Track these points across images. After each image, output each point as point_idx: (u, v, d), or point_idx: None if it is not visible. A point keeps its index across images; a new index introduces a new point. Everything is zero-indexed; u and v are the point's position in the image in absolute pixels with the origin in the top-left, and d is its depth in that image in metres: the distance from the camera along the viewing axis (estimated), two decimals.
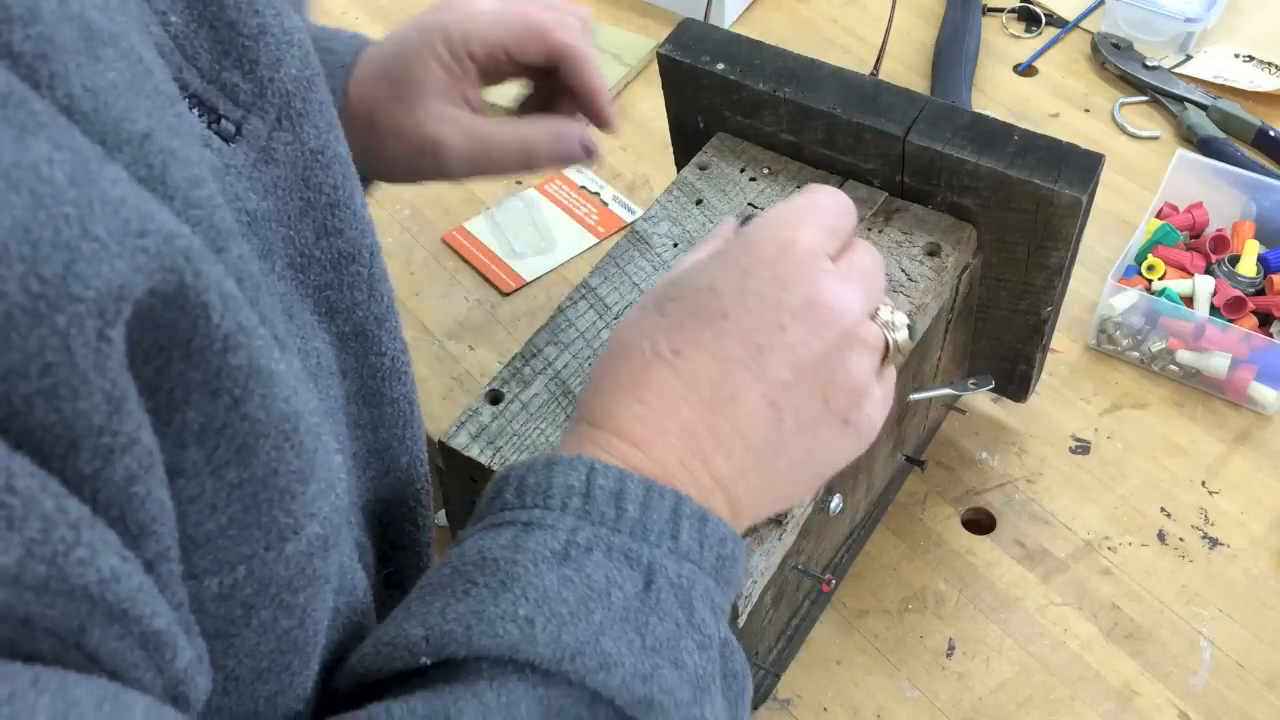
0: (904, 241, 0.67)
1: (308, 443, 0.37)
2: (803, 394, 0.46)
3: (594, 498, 0.42)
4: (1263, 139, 0.99)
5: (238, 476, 0.34)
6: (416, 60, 0.64)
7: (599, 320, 0.64)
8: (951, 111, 0.67)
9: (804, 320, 0.46)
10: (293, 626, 0.39)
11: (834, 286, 0.47)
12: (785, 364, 0.46)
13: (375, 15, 1.18)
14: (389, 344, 0.51)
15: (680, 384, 0.46)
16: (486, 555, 0.41)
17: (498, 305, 0.91)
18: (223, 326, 0.32)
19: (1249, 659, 0.70)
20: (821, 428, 0.47)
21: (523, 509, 0.42)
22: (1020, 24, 1.13)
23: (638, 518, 0.42)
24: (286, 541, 0.37)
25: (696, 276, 0.48)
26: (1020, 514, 0.77)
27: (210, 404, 0.33)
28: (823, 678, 0.70)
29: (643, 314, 0.48)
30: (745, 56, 0.71)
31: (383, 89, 0.64)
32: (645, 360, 0.46)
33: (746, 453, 0.46)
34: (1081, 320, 0.87)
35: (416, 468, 0.54)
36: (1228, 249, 0.87)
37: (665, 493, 0.43)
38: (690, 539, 0.43)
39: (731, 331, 0.46)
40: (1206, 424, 0.82)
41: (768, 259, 0.47)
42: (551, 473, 0.43)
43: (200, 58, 0.43)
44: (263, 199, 0.45)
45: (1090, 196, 0.64)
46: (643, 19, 1.15)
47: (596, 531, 0.41)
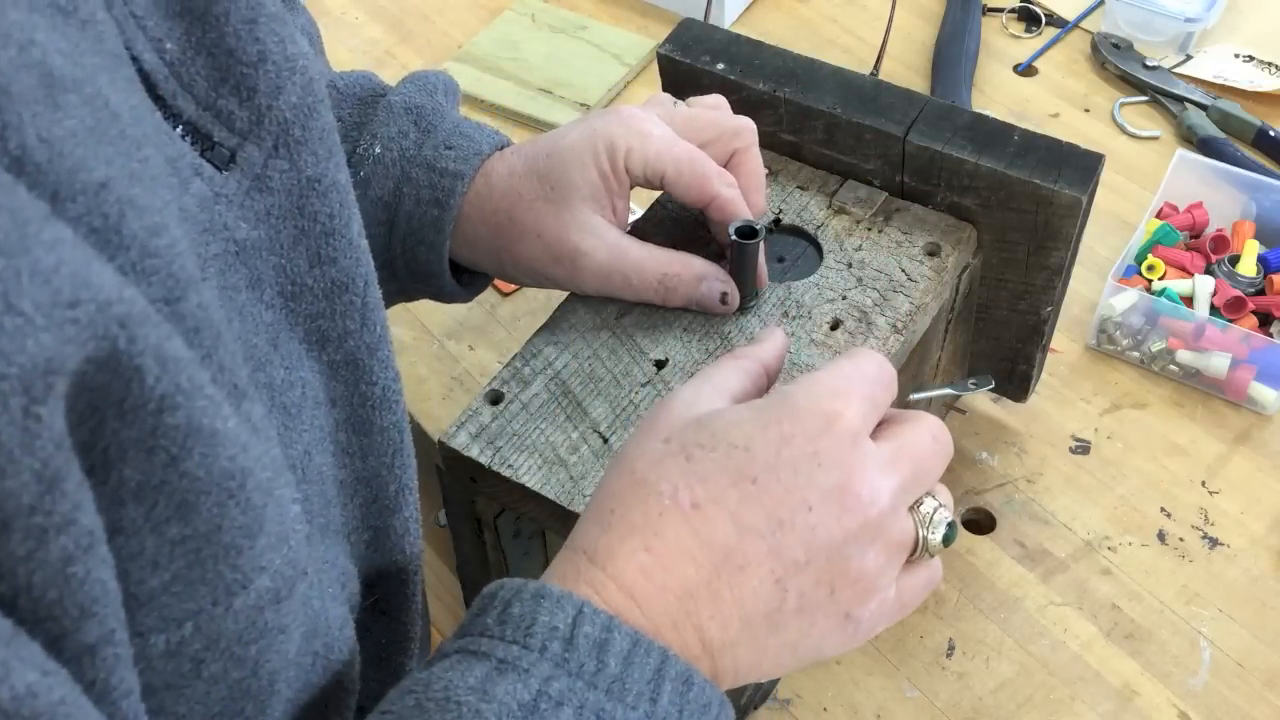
0: (904, 241, 0.67)
1: (255, 498, 0.36)
2: (811, 578, 0.44)
3: (576, 645, 0.40)
4: (1263, 139, 0.99)
5: (179, 533, 0.34)
6: (575, 162, 0.62)
7: (599, 320, 0.64)
8: (951, 111, 0.67)
9: (831, 504, 0.44)
10: (245, 677, 0.39)
11: (869, 475, 0.45)
12: (802, 544, 0.44)
13: (375, 15, 1.18)
14: (380, 373, 0.50)
15: (693, 541, 0.43)
16: (452, 696, 0.39)
17: (498, 305, 0.91)
18: (158, 388, 0.32)
19: (1249, 659, 0.70)
20: (821, 616, 0.45)
21: (501, 641, 0.41)
22: (1020, 24, 1.13)
23: (618, 674, 0.40)
24: (234, 596, 0.36)
25: (732, 430, 0.45)
26: (1020, 514, 0.77)
27: (146, 462, 0.32)
28: (823, 678, 0.70)
29: (667, 453, 0.45)
30: (745, 56, 0.71)
31: (531, 186, 0.63)
32: (663, 506, 0.44)
33: (742, 626, 0.44)
34: (1081, 320, 0.87)
35: (405, 495, 0.53)
36: (1228, 249, 0.87)
37: (652, 649, 0.41)
38: (670, 704, 0.41)
39: (756, 498, 0.44)
40: (1206, 424, 0.82)
41: (809, 432, 0.45)
42: (538, 607, 0.41)
43: (196, 84, 0.43)
44: (254, 227, 0.44)
45: (1090, 196, 0.64)
46: (643, 19, 1.15)
47: (572, 685, 0.39)
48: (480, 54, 1.11)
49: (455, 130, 0.65)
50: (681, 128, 0.63)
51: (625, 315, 0.64)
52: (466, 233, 0.65)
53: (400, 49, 1.14)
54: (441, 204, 0.63)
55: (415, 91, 0.66)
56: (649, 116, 0.63)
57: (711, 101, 0.66)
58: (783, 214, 0.69)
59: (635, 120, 0.62)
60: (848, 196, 0.70)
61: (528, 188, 0.63)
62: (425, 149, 0.64)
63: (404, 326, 0.90)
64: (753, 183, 0.64)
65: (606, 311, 0.65)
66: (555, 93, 1.06)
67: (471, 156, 0.64)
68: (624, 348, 0.63)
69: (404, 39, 1.15)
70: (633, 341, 0.63)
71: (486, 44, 1.12)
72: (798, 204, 0.69)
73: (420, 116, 0.65)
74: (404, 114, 0.65)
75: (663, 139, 0.61)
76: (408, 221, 0.64)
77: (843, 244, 0.67)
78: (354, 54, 1.14)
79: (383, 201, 0.64)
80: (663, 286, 0.63)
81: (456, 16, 1.17)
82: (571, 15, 1.15)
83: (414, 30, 1.16)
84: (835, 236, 0.68)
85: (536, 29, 1.13)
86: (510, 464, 0.58)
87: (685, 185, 0.61)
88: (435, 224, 0.64)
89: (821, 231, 0.68)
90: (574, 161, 0.62)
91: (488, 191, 0.64)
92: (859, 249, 0.67)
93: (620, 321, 0.64)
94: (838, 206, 0.69)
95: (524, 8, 1.15)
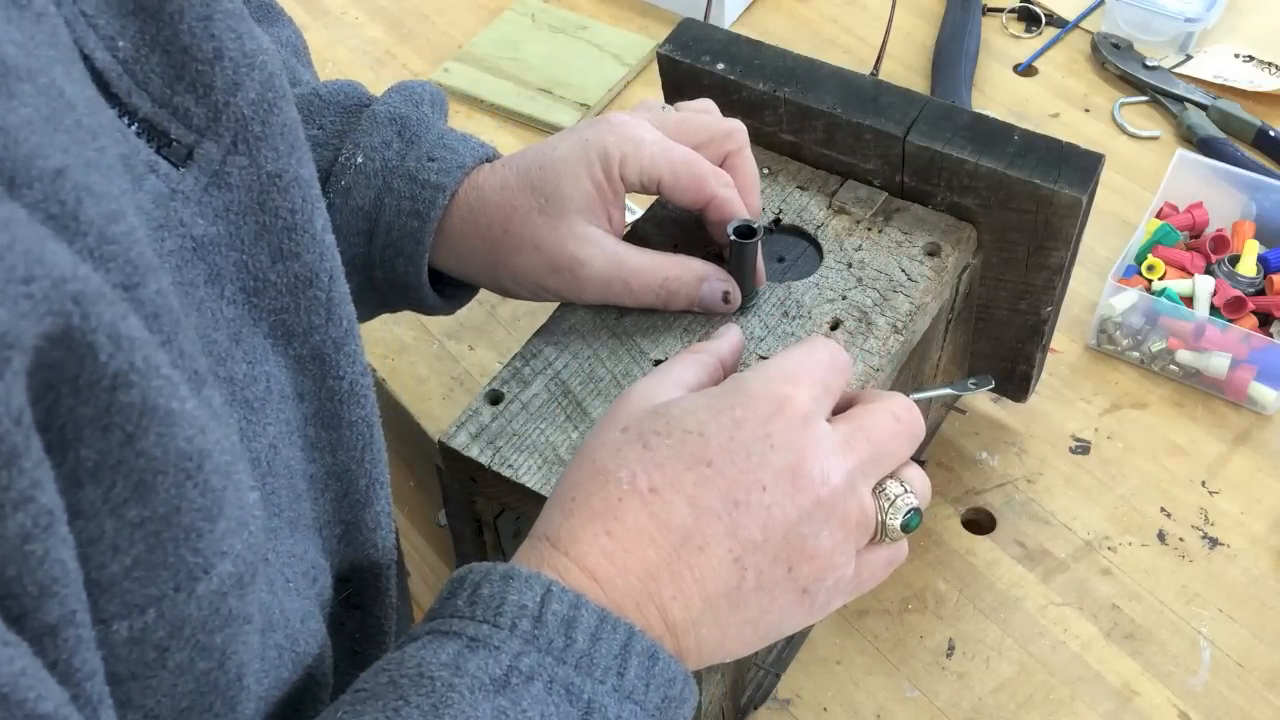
0: (904, 241, 0.67)
1: (214, 480, 0.36)
2: (769, 556, 0.46)
3: (545, 622, 0.42)
4: (1263, 139, 0.99)
5: (138, 515, 0.34)
6: (568, 174, 0.62)
7: (598, 320, 0.64)
8: (951, 111, 0.67)
9: (784, 484, 0.46)
10: (211, 668, 0.39)
11: (820, 454, 0.47)
12: (758, 523, 0.45)
13: (375, 15, 1.18)
14: (347, 368, 0.50)
15: (652, 524, 0.45)
16: (425, 671, 0.40)
17: (498, 305, 0.91)
18: (110, 365, 0.32)
19: (1249, 659, 0.70)
20: (780, 593, 0.47)
21: (471, 620, 0.42)
22: (1020, 24, 1.13)
23: (586, 649, 0.42)
24: (197, 581, 0.36)
25: (686, 417, 0.47)
26: (1020, 514, 0.77)
27: (102, 440, 0.33)
28: (823, 678, 0.71)
29: (624, 441, 0.47)
30: (745, 56, 0.71)
31: (525, 199, 0.63)
32: (621, 492, 0.45)
33: (703, 605, 0.45)
34: (1081, 320, 0.87)
35: (376, 489, 0.53)
36: (1228, 249, 0.87)
37: (619, 626, 0.42)
38: (637, 678, 0.42)
39: (712, 480, 0.46)
40: (1206, 424, 0.82)
41: (761, 415, 0.47)
42: (507, 587, 0.42)
43: (151, 82, 0.43)
44: (212, 224, 0.44)
45: (1090, 196, 0.64)
46: (643, 19, 1.15)
47: (541, 660, 0.41)
48: (480, 54, 1.11)
49: (439, 142, 0.65)
50: (673, 132, 0.63)
51: (625, 316, 0.64)
52: (459, 247, 0.65)
53: (400, 49, 1.14)
54: (422, 215, 0.63)
55: (400, 102, 0.66)
56: (640, 123, 0.62)
57: (700, 105, 0.66)
58: (783, 214, 0.69)
59: (627, 128, 0.62)
60: (848, 196, 0.70)
61: (522, 200, 0.63)
62: (408, 160, 0.64)
63: (404, 326, 0.90)
64: (748, 184, 0.64)
65: (606, 312, 0.65)
66: (555, 93, 1.06)
67: (454, 169, 0.63)
68: (624, 348, 0.63)
69: (404, 39, 1.15)
70: (633, 342, 0.63)
71: (486, 44, 1.12)
72: (798, 204, 0.69)
73: (404, 127, 0.65)
74: (388, 124, 0.65)
75: (656, 144, 0.61)
76: (387, 232, 0.64)
77: (843, 244, 0.67)
78: (354, 54, 1.14)
79: (363, 211, 0.64)
80: (664, 290, 0.63)
81: (456, 16, 1.17)
82: (571, 15, 1.15)
83: (414, 30, 1.16)
84: (835, 236, 0.68)
85: (536, 29, 1.13)
86: (510, 464, 0.58)
87: (683, 189, 0.61)
88: (415, 235, 0.63)
89: (821, 231, 0.68)
90: (567, 173, 0.62)
91: (481, 205, 0.64)
92: (859, 249, 0.67)
93: (620, 322, 0.64)
94: (838, 206, 0.69)
95: (524, 8, 1.15)
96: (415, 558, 0.83)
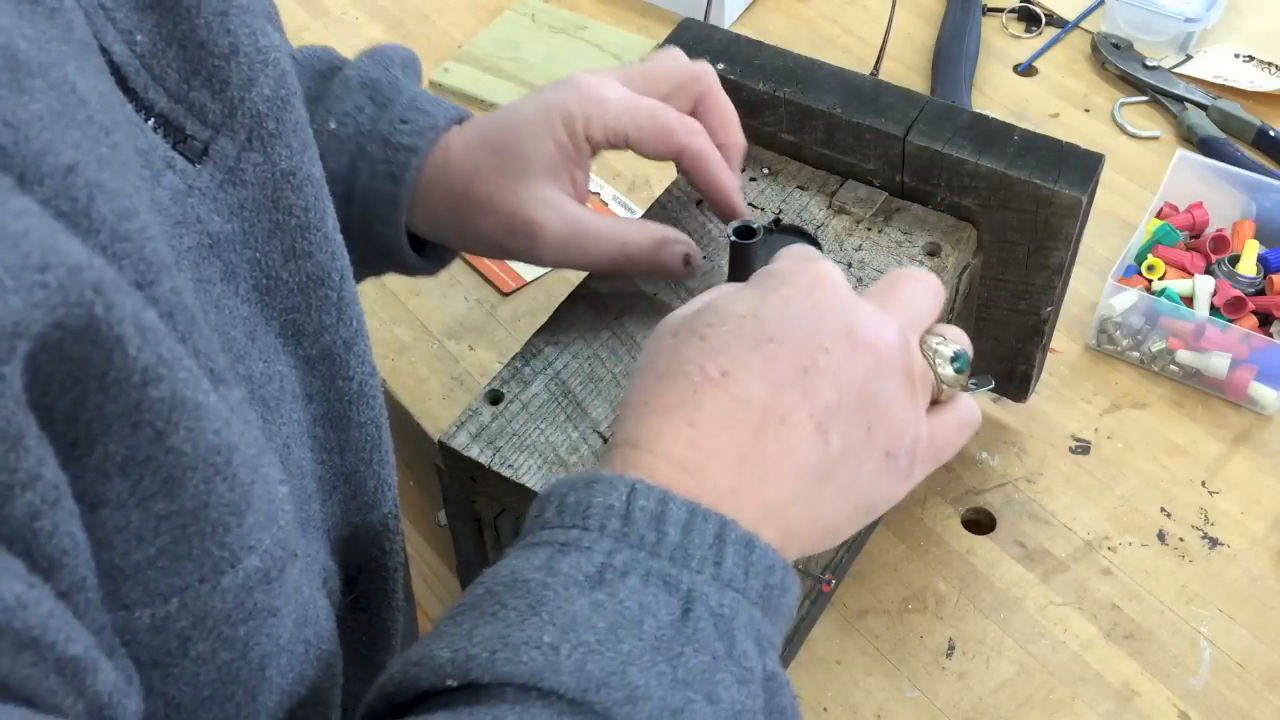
0: (904, 241, 0.67)
1: (242, 475, 0.36)
2: (846, 418, 0.46)
3: (634, 519, 0.41)
4: (1263, 139, 0.99)
5: (165, 508, 0.34)
6: (530, 136, 0.61)
7: (598, 320, 0.64)
8: (951, 111, 0.67)
9: (843, 345, 0.46)
10: (234, 659, 0.39)
11: (868, 314, 0.47)
12: (830, 385, 0.45)
13: (375, 15, 1.18)
14: (357, 368, 0.50)
15: (733, 405, 0.45)
16: (518, 576, 0.40)
17: (498, 305, 0.91)
18: (140, 359, 0.32)
19: (1249, 659, 0.70)
20: (865, 456, 0.46)
21: (561, 528, 0.42)
22: (1020, 24, 1.13)
23: (679, 542, 0.41)
24: (222, 574, 0.36)
25: (735, 304, 0.47)
26: (1020, 514, 0.77)
27: (131, 436, 0.32)
28: (823, 678, 0.70)
29: (679, 342, 0.47)
30: (745, 56, 0.71)
31: (486, 160, 0.62)
32: (694, 384, 0.45)
33: (795, 479, 0.45)
34: (1081, 320, 0.87)
35: (384, 491, 0.53)
36: (1228, 249, 0.87)
37: (710, 516, 0.41)
38: (735, 566, 0.41)
39: (778, 354, 0.45)
40: (1206, 424, 0.82)
41: (804, 287, 0.47)
42: (592, 491, 0.42)
43: (168, 77, 0.43)
44: (227, 221, 0.44)
45: (1090, 196, 0.64)
46: (643, 19, 1.15)
47: (634, 555, 0.40)
48: (480, 54, 1.11)
49: (411, 104, 0.64)
50: (639, 85, 0.62)
51: (625, 315, 0.64)
52: (427, 208, 0.64)
53: None
54: (396, 179, 0.63)
55: (372, 65, 0.66)
56: (603, 80, 0.62)
57: (668, 54, 0.65)
58: (783, 214, 0.69)
59: (591, 87, 0.61)
60: (848, 196, 0.70)
61: (484, 162, 0.62)
62: (380, 124, 0.63)
63: (404, 326, 0.90)
64: (723, 121, 0.63)
65: (607, 312, 0.65)
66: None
67: (426, 130, 0.63)
68: (624, 348, 0.63)
69: (404, 39, 1.15)
70: (633, 341, 0.63)
71: (486, 44, 1.12)
72: (798, 204, 0.69)
73: (376, 91, 0.64)
74: (360, 89, 0.65)
75: (620, 101, 0.61)
76: (364, 196, 0.64)
77: (843, 244, 0.67)
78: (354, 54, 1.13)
79: (338, 177, 0.63)
80: (622, 255, 0.62)
81: (456, 16, 1.17)
82: (571, 15, 1.15)
83: (414, 30, 1.16)
84: (835, 236, 0.68)
85: (536, 29, 1.13)
86: (510, 464, 0.58)
87: (650, 141, 0.61)
88: (391, 199, 0.63)
89: (821, 231, 0.68)
90: (529, 135, 0.61)
91: (445, 166, 0.63)
92: (859, 249, 0.67)
93: (620, 321, 0.64)
94: (838, 206, 0.69)
95: (524, 8, 1.15)
96: (415, 558, 0.83)
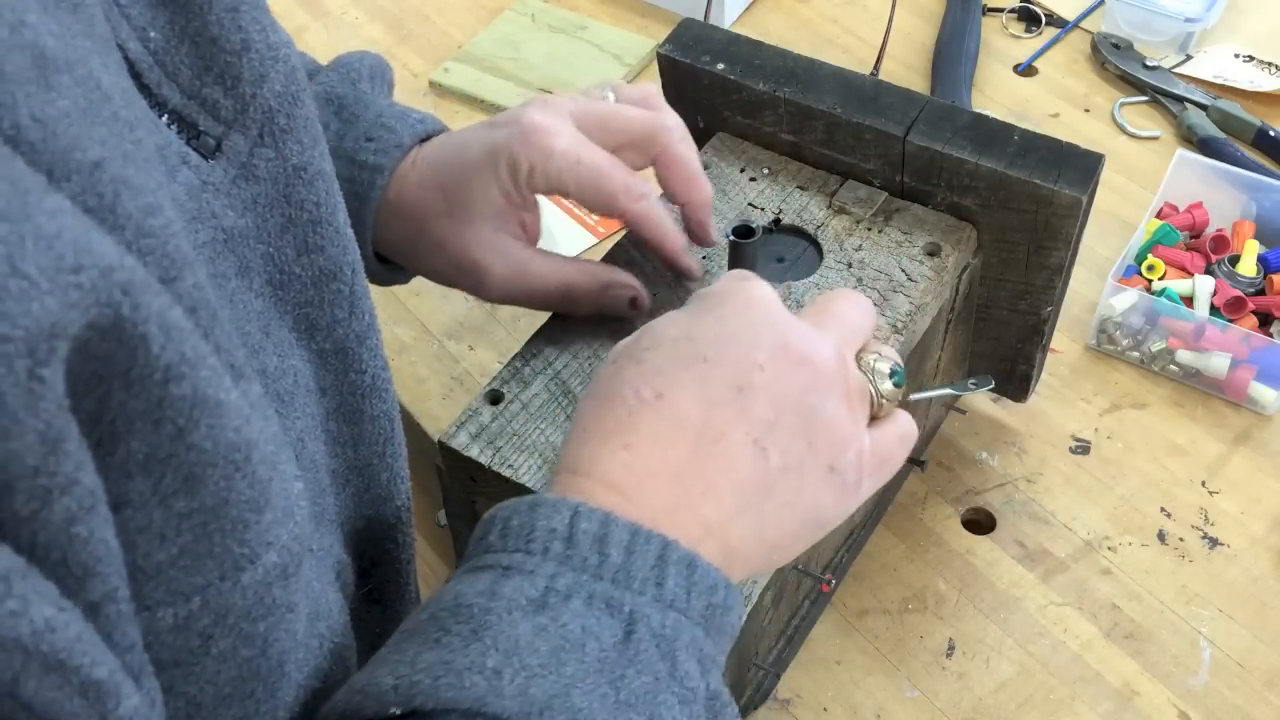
0: (904, 241, 0.67)
1: (261, 472, 0.36)
2: (786, 433, 0.46)
3: (576, 542, 0.41)
4: (1263, 139, 0.99)
5: (186, 506, 0.34)
6: (477, 181, 0.62)
7: (599, 320, 0.64)
8: (951, 111, 0.67)
9: (778, 362, 0.46)
10: (254, 655, 0.39)
11: (802, 330, 0.48)
12: (766, 402, 0.46)
13: (375, 15, 1.18)
14: (369, 361, 0.50)
15: (667, 426, 0.45)
16: (461, 601, 0.40)
17: (498, 305, 0.91)
18: (163, 357, 0.32)
19: (1249, 659, 0.70)
20: (808, 471, 0.46)
21: (504, 552, 0.42)
22: (1020, 24, 1.13)
23: (621, 563, 0.41)
24: (242, 571, 0.37)
25: (670, 327, 0.48)
26: (1020, 514, 0.77)
27: (154, 434, 0.32)
28: (823, 678, 0.70)
29: (617, 368, 0.48)
30: (745, 56, 0.71)
31: (437, 200, 0.63)
32: (629, 407, 0.46)
33: (735, 495, 0.45)
34: (1081, 320, 0.87)
35: (397, 484, 0.53)
36: (1228, 249, 0.87)
37: (651, 538, 0.42)
38: (677, 586, 0.41)
39: (712, 373, 0.46)
40: (1206, 424, 0.82)
41: (738, 307, 0.48)
42: (535, 515, 0.42)
43: (181, 73, 0.43)
44: (241, 216, 0.44)
45: (1090, 196, 0.64)
46: (643, 19, 1.15)
47: (577, 578, 0.40)
48: (480, 54, 1.11)
49: (377, 121, 0.64)
50: (594, 131, 0.61)
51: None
52: (386, 236, 0.65)
53: (400, 49, 1.14)
54: (361, 197, 0.63)
55: (338, 81, 0.66)
56: (553, 126, 0.60)
57: (635, 94, 0.64)
58: (783, 214, 0.69)
59: (538, 135, 0.60)
60: (848, 196, 0.70)
61: (434, 202, 0.63)
62: (346, 141, 0.64)
63: (404, 326, 0.90)
64: (684, 179, 0.62)
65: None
66: (555, 93, 1.06)
67: (391, 149, 0.63)
68: None
69: (404, 39, 1.15)
70: None
71: (486, 44, 1.12)
72: (798, 204, 0.69)
73: (342, 107, 0.65)
74: (324, 105, 0.65)
75: (565, 155, 0.60)
76: None
77: (843, 244, 0.67)
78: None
79: None
80: (565, 298, 0.63)
81: (456, 16, 1.17)
82: (571, 15, 1.15)
83: (414, 30, 1.16)
84: (835, 236, 0.68)
85: (536, 29, 1.13)
86: (510, 464, 0.58)
87: (590, 202, 0.61)
88: (356, 216, 0.63)
89: (821, 231, 0.68)
90: (476, 179, 0.62)
91: (399, 203, 0.64)
92: (859, 249, 0.67)
93: (620, 321, 0.64)
94: (838, 206, 0.69)
95: (524, 8, 1.15)
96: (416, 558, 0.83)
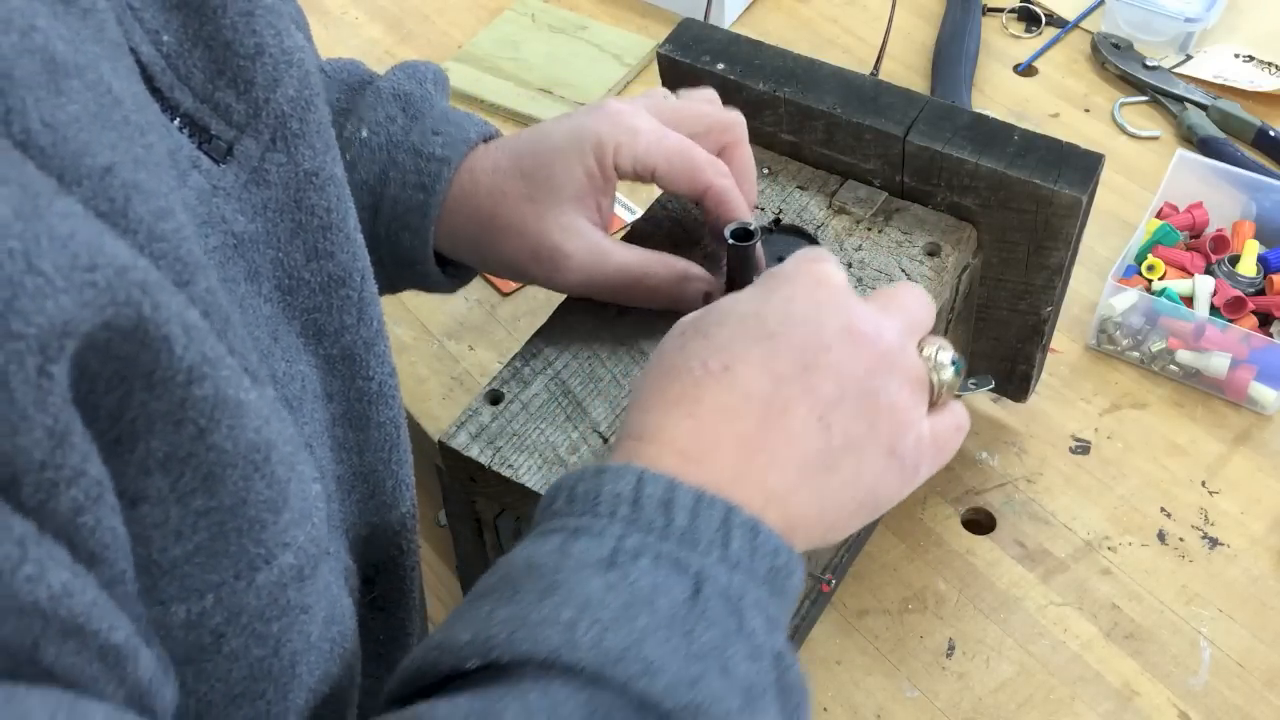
0: (904, 241, 0.67)
1: (280, 472, 0.36)
2: (849, 412, 0.46)
3: (642, 505, 0.42)
4: (1263, 139, 0.99)
5: (204, 505, 0.34)
6: (560, 162, 0.61)
7: (598, 320, 0.64)
8: (951, 111, 0.67)
9: (844, 343, 0.47)
10: (266, 655, 0.39)
11: (869, 315, 0.48)
12: (831, 380, 0.46)
13: (375, 15, 1.18)
14: (377, 368, 0.50)
15: (732, 398, 0.46)
16: (533, 561, 0.41)
17: (498, 305, 0.91)
18: (186, 358, 0.32)
19: (1249, 659, 0.70)
20: (868, 451, 0.47)
21: (572, 516, 0.42)
22: (1020, 24, 1.13)
23: (686, 526, 0.42)
24: (257, 571, 0.37)
25: (739, 305, 0.49)
26: (1020, 514, 0.77)
27: (174, 434, 0.33)
28: (823, 678, 0.70)
29: (684, 340, 0.48)
30: (745, 56, 0.71)
31: (514, 185, 0.62)
32: (695, 379, 0.46)
33: (798, 469, 0.46)
34: (1081, 320, 0.87)
35: (402, 491, 0.53)
36: (1228, 249, 0.87)
37: (715, 502, 0.42)
38: (741, 548, 0.42)
39: (779, 350, 0.47)
40: (1206, 424, 0.82)
41: (806, 287, 0.49)
42: (601, 480, 0.43)
43: (193, 77, 0.43)
44: (251, 220, 0.45)
45: (1090, 196, 0.64)
46: (643, 19, 1.15)
47: (644, 539, 0.41)
48: (480, 54, 1.11)
49: (443, 117, 0.64)
50: (670, 120, 0.62)
51: (625, 315, 0.64)
52: (452, 227, 0.64)
53: (400, 49, 1.14)
54: (427, 189, 0.63)
55: (404, 79, 0.66)
56: (636, 111, 0.62)
57: (703, 95, 0.65)
58: (783, 214, 0.69)
59: (623, 116, 0.61)
60: (848, 196, 0.70)
61: (512, 186, 0.62)
62: (412, 134, 0.64)
63: (404, 326, 0.90)
64: (743, 177, 0.64)
65: (606, 312, 0.65)
66: (555, 93, 1.06)
67: (459, 143, 0.63)
68: (624, 348, 0.63)
69: (404, 39, 1.15)
70: (633, 341, 0.63)
71: (486, 44, 1.12)
72: (798, 204, 0.69)
73: (409, 103, 0.65)
74: (392, 100, 0.65)
75: (651, 133, 0.61)
76: (393, 206, 0.63)
77: (843, 244, 0.67)
78: (354, 54, 1.13)
79: (368, 186, 0.64)
80: (644, 287, 0.62)
81: (456, 16, 1.17)
82: (571, 15, 1.15)
83: (414, 30, 1.16)
84: (835, 236, 0.68)
85: (536, 29, 1.13)
86: (510, 464, 0.58)
87: (677, 177, 0.61)
88: (420, 209, 0.63)
89: (821, 231, 0.68)
90: (560, 161, 0.61)
91: (473, 188, 0.63)
92: (859, 249, 0.67)
93: (620, 321, 0.64)
94: (838, 206, 0.69)
95: (524, 8, 1.15)
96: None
